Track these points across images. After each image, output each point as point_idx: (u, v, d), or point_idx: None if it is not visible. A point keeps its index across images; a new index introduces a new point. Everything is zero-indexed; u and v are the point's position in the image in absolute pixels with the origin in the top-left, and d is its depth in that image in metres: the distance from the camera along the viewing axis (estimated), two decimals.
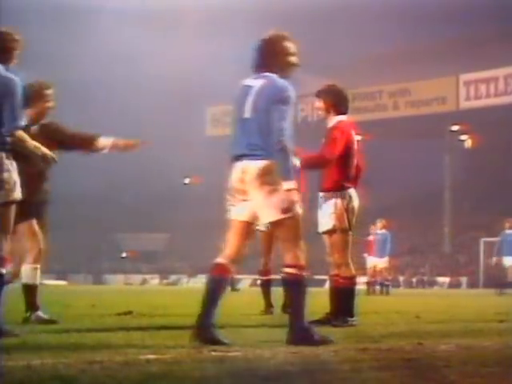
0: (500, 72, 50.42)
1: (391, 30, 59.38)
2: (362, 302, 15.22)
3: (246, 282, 49.98)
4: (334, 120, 8.21)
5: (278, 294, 8.49)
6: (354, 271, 7.92)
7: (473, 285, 43.49)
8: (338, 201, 7.91)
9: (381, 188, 58.19)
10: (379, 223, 23.36)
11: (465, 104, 51.00)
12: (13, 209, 5.91)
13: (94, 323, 5.50)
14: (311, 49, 62.22)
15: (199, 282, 48.81)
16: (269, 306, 9.82)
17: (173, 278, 53.61)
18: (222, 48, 57.00)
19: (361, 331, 6.85)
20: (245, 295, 20.18)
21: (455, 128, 50.10)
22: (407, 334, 6.57)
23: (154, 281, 53.44)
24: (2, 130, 5.74)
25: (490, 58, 49.46)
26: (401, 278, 47.15)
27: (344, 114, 8.05)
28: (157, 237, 60.32)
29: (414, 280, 47.81)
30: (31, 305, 7.29)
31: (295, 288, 5.62)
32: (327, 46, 61.10)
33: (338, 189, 7.92)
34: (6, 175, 5.81)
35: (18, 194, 5.91)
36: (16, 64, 6.12)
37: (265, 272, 10.01)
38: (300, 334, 5.45)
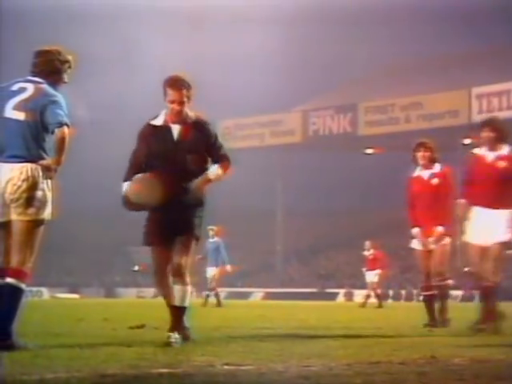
0: None
1: (403, 43, 59.45)
2: (374, 315, 15.20)
3: (258, 295, 49.95)
4: (504, 149, 9.06)
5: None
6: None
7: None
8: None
9: (393, 202, 58.06)
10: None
11: (477, 117, 50.81)
12: (41, 228, 5.98)
13: (106, 337, 5.50)
14: (324, 63, 62.34)
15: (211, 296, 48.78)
16: (432, 319, 10.12)
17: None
18: (234, 60, 57.10)
19: (373, 344, 6.83)
20: (257, 308, 20.15)
21: (467, 141, 49.97)
22: (420, 347, 6.54)
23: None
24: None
25: (502, 71, 49.36)
26: (414, 291, 47.01)
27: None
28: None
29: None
30: None
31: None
32: (340, 60, 61.19)
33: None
34: (39, 193, 5.87)
35: (47, 214, 5.97)
36: (66, 83, 6.16)
37: (427, 288, 10.31)
38: None
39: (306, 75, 57.23)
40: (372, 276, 24.32)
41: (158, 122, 6.71)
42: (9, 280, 5.83)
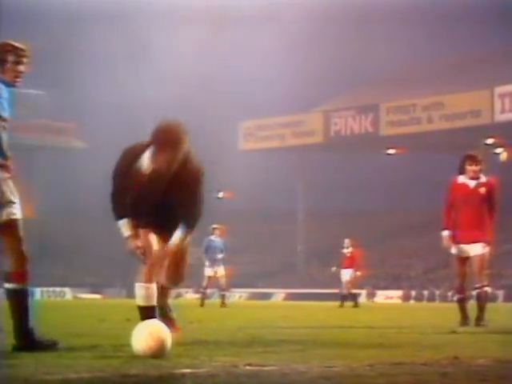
0: None
1: (425, 42, 59.27)
2: (396, 315, 15.16)
3: (279, 295, 49.94)
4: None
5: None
6: None
7: (510, 298, 43.06)
8: None
9: (415, 202, 57.89)
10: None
11: (500, 117, 50.62)
12: (19, 229, 5.98)
13: (128, 337, 5.52)
14: (346, 63, 62.25)
15: (233, 296, 48.79)
16: (465, 319, 10.55)
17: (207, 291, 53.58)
18: (255, 61, 57.08)
19: (395, 345, 6.81)
20: (278, 309, 20.16)
21: (490, 141, 49.76)
22: (443, 347, 6.52)
23: (189, 294, 53.47)
24: None
25: None
26: (436, 292, 46.85)
27: None
28: (191, 250, 60.39)
29: (450, 293, 47.46)
30: None
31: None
32: (361, 60, 61.06)
33: None
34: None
35: (14, 214, 5.95)
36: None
37: (460, 290, 10.83)
38: None
39: (327, 75, 57.15)
40: (347, 274, 24.07)
41: None
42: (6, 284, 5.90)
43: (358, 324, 11.04)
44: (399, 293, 48.02)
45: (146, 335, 5.35)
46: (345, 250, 24.39)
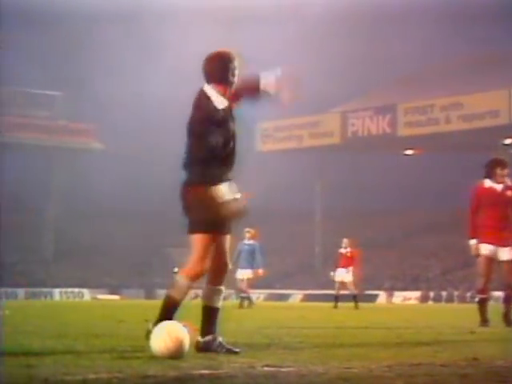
0: None
1: (442, 43, 59.08)
2: (414, 316, 15.12)
3: (297, 296, 49.89)
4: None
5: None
6: None
7: None
8: None
9: (433, 202, 57.70)
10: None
11: None
12: None
13: (147, 338, 5.54)
14: (362, 64, 62.01)
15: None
16: (484, 320, 10.58)
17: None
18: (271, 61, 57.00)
19: (413, 346, 6.79)
20: (296, 310, 20.14)
21: (508, 141, 49.56)
22: (462, 348, 6.49)
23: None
24: None
25: None
26: (455, 293, 46.67)
27: None
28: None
29: (469, 294, 47.28)
30: None
31: None
32: (378, 61, 60.95)
33: None
34: None
35: None
36: None
37: (483, 290, 10.78)
38: None
39: (344, 76, 57.07)
40: (344, 273, 23.88)
41: None
42: None
43: (375, 325, 11.02)
44: (417, 294, 47.87)
45: (165, 336, 5.37)
46: (343, 250, 24.19)
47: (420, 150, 55.93)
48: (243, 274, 21.76)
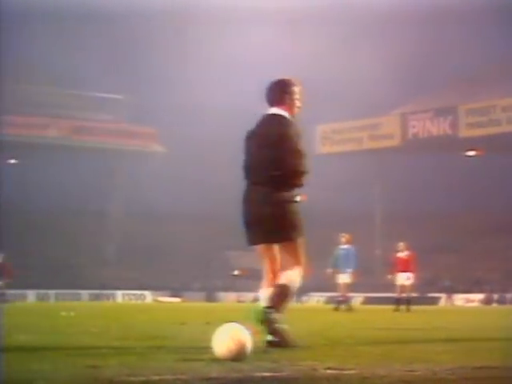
0: None
1: (503, 43, 58.30)
2: (477, 318, 14.95)
3: (358, 299, 49.63)
4: None
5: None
6: None
7: None
8: None
9: (495, 204, 56.95)
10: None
11: None
12: None
13: (209, 340, 5.57)
14: (422, 65, 61.51)
15: (311, 300, 48.69)
16: None
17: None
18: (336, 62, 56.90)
19: (477, 348, 6.72)
20: (357, 313, 20.07)
21: None
22: None
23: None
24: None
25: None
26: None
27: None
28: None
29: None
30: None
31: None
32: (439, 62, 60.40)
33: None
34: None
35: None
36: None
37: None
38: None
39: (404, 78, 56.68)
40: (404, 277, 23.70)
41: None
42: None
43: (438, 328, 10.93)
44: (480, 296, 47.32)
45: (227, 338, 5.40)
46: (400, 254, 24.17)
47: (482, 151, 55.29)
48: (342, 278, 22.36)
